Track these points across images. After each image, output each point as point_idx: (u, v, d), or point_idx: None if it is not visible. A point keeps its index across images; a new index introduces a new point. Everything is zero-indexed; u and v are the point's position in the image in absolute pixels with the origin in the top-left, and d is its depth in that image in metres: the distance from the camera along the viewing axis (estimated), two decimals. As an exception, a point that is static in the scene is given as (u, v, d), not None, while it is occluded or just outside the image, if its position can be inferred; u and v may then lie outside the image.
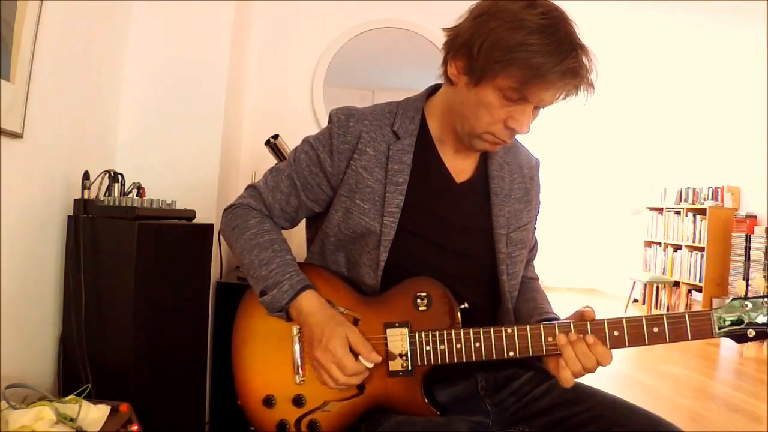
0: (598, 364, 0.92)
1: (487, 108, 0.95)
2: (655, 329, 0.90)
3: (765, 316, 0.87)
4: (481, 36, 0.91)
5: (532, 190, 1.18)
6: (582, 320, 0.94)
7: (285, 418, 1.03)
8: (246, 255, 1.06)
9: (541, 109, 0.99)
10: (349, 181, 1.06)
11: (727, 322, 0.88)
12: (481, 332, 0.95)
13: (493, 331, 0.95)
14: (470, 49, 0.93)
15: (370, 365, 0.95)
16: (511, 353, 0.94)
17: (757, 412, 2.96)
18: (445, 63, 1.01)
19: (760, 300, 0.88)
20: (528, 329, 0.94)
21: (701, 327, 0.89)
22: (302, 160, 1.09)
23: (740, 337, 0.88)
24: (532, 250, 1.25)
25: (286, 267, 1.02)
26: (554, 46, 0.88)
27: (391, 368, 0.98)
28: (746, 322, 0.88)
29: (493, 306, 1.12)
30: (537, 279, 1.26)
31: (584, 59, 0.91)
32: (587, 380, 1.07)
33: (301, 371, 1.03)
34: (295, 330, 1.03)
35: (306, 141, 1.12)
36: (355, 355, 0.95)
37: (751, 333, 0.87)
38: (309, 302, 0.99)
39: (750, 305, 0.88)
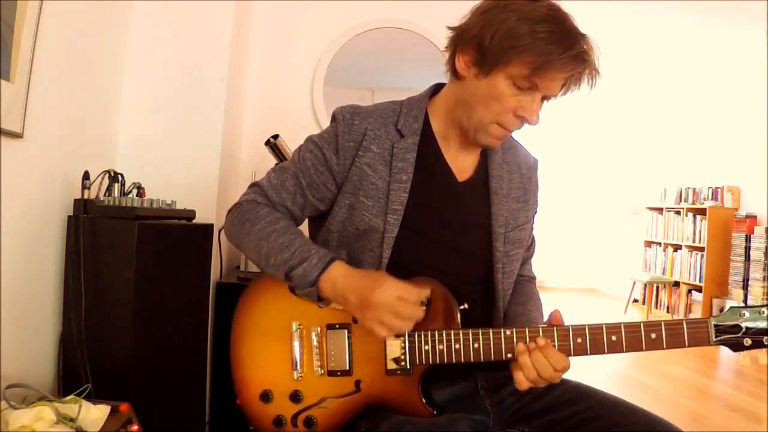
0: (555, 370, 0.92)
1: (497, 97, 0.98)
2: (653, 335, 0.90)
3: (762, 324, 0.87)
4: (493, 27, 0.95)
5: (530, 190, 1.18)
6: (552, 326, 0.95)
7: (282, 413, 1.03)
8: (263, 243, 1.04)
9: (545, 102, 1.02)
10: (353, 178, 1.06)
11: (724, 330, 0.88)
12: (480, 333, 0.96)
13: (492, 332, 0.95)
14: (481, 41, 0.96)
15: (425, 298, 0.95)
16: (509, 355, 0.95)
17: (757, 412, 2.96)
18: (452, 58, 1.04)
19: (757, 309, 0.88)
20: (527, 331, 0.95)
21: (698, 334, 0.89)
22: (307, 159, 1.09)
23: (736, 346, 0.88)
24: (529, 248, 1.26)
25: (308, 245, 1.02)
26: (562, 34, 0.93)
27: (389, 367, 0.98)
28: (743, 330, 0.88)
29: (489, 303, 1.13)
30: (534, 278, 1.27)
31: (588, 47, 0.95)
32: (587, 379, 1.07)
33: (299, 367, 1.03)
34: (294, 326, 1.04)
35: (310, 140, 1.12)
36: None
37: (748, 342, 0.88)
38: (340, 270, 0.98)
39: (747, 314, 0.88)
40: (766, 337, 0.87)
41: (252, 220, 1.08)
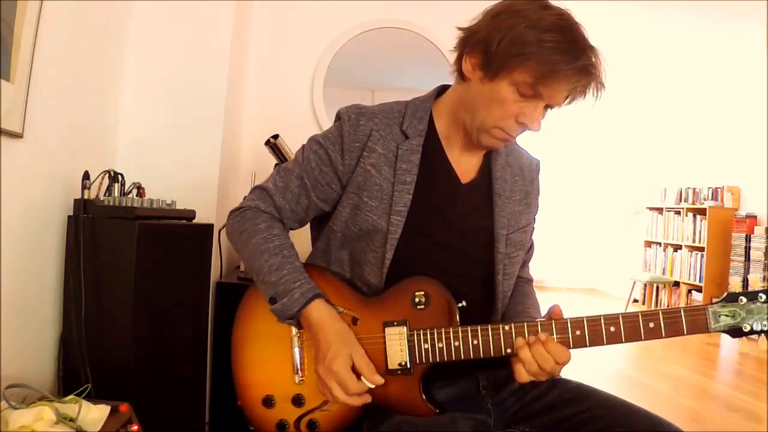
0: (557, 363, 0.92)
1: (500, 103, 0.98)
2: (651, 324, 0.90)
3: (760, 311, 0.87)
4: (501, 32, 0.94)
5: (531, 192, 1.19)
6: (550, 320, 0.95)
7: (284, 417, 1.03)
8: (255, 260, 1.05)
9: (549, 110, 1.01)
10: (357, 179, 1.06)
11: (722, 317, 0.88)
12: (479, 330, 0.96)
13: (491, 328, 0.96)
14: (488, 45, 0.96)
15: (372, 386, 0.96)
16: (509, 350, 0.95)
17: (757, 412, 2.96)
18: (459, 60, 1.04)
19: (755, 294, 0.88)
20: (525, 326, 0.95)
21: (696, 322, 0.89)
22: (311, 159, 1.09)
23: (736, 332, 0.89)
24: (529, 251, 1.26)
25: (296, 274, 1.02)
26: (569, 44, 0.92)
27: (389, 367, 0.98)
28: (741, 316, 0.88)
29: (488, 304, 1.13)
30: (531, 281, 1.28)
31: (596, 60, 0.94)
32: (587, 379, 1.07)
33: (300, 371, 1.03)
34: (294, 331, 1.04)
35: (314, 140, 1.12)
36: (358, 375, 0.96)
37: (746, 327, 0.88)
38: (318, 312, 0.99)
39: (745, 300, 0.88)
40: (764, 323, 0.87)
41: (249, 231, 1.08)
